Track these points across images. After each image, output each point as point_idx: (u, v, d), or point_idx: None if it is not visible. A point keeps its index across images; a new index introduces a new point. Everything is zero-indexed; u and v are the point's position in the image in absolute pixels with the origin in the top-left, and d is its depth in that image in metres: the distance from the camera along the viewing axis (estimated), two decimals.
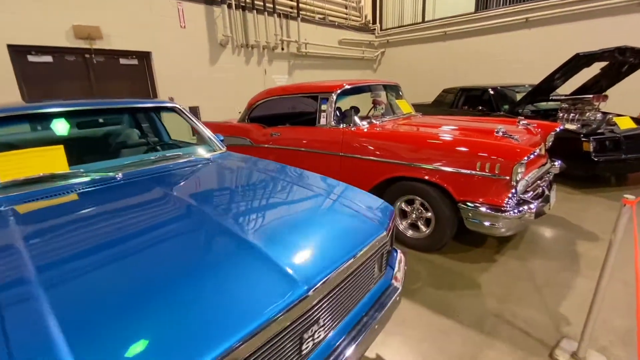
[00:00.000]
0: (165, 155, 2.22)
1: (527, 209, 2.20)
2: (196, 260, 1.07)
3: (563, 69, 4.33)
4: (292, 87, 3.78)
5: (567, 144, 4.18)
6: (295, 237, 1.24)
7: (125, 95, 5.74)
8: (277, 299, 0.96)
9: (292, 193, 1.67)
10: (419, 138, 2.63)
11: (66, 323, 0.80)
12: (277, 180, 1.86)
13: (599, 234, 2.98)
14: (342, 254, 1.21)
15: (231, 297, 0.94)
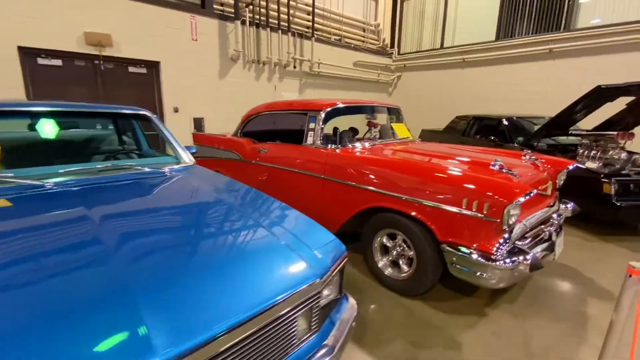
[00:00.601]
0: (115, 165, 2.04)
1: (522, 259, 1.84)
2: (49, 306, 0.83)
3: (583, 101, 3.96)
4: (284, 104, 3.61)
5: (586, 184, 3.75)
6: (192, 283, 0.98)
7: (132, 103, 5.79)
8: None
9: (225, 223, 1.42)
10: (400, 165, 2.34)
11: None
12: (219, 204, 1.62)
13: (615, 292, 2.53)
14: (241, 308, 0.94)
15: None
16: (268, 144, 3.60)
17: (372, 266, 2.60)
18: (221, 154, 4.35)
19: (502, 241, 1.88)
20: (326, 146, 2.95)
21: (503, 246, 1.88)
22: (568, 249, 3.30)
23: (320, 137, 3.01)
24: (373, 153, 2.75)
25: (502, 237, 1.88)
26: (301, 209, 3.28)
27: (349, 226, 2.77)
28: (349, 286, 2.54)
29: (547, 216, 2.32)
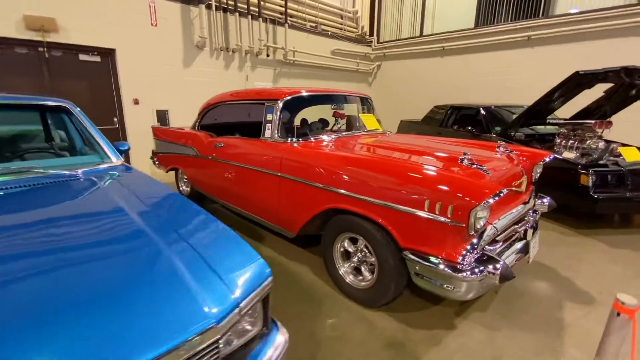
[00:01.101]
0: (9, 168, 1.68)
1: (491, 269, 1.61)
2: None
3: (561, 88, 3.78)
4: (242, 93, 3.27)
5: (563, 176, 3.59)
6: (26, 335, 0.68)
7: (85, 94, 5.30)
8: None
9: (113, 246, 1.11)
10: (356, 161, 2.07)
11: None
12: (119, 219, 1.31)
13: (594, 294, 2.36)
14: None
15: None
16: (224, 138, 3.27)
17: (333, 273, 2.34)
18: (179, 150, 4.00)
19: (470, 248, 1.64)
20: (285, 140, 2.65)
21: (470, 254, 1.64)
22: (544, 245, 3.13)
23: (278, 130, 2.70)
24: (332, 147, 2.46)
25: (469, 244, 1.64)
26: (258, 210, 3.00)
27: (309, 229, 2.50)
28: (308, 296, 2.28)
29: (521, 215, 2.11)
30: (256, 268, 1.11)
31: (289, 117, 2.86)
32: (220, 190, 3.41)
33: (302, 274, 2.58)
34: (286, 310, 2.13)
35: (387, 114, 9.90)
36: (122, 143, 2.35)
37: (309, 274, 2.57)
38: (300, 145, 2.53)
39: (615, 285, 2.46)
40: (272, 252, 2.94)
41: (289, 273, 2.59)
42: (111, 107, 5.60)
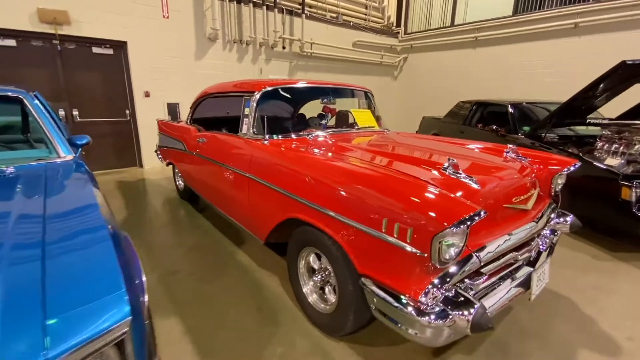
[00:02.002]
0: None
1: (461, 315, 1.23)
2: None
3: (604, 81, 3.15)
4: (227, 85, 3.05)
5: (601, 186, 2.99)
6: None
7: (97, 87, 5.39)
8: None
9: None
10: (317, 165, 1.75)
11: None
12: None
13: (622, 341, 1.86)
14: None
15: None
16: (207, 132, 3.07)
17: (297, 290, 2.05)
18: (173, 144, 3.88)
19: (438, 283, 1.27)
20: (258, 137, 2.38)
21: (439, 291, 1.27)
22: (569, 270, 2.61)
23: (254, 126, 2.44)
24: (300, 148, 2.16)
25: (436, 278, 1.27)
26: (232, 212, 2.76)
27: (279, 238, 2.22)
28: (266, 313, 2.01)
29: (526, 237, 1.67)
30: (108, 305, 0.86)
31: (269, 112, 2.58)
32: (203, 188, 3.24)
33: (270, 285, 2.32)
34: (236, 327, 1.88)
35: (413, 110, 9.33)
36: (80, 136, 2.21)
37: (276, 287, 2.30)
38: (269, 144, 2.25)
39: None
40: (246, 258, 2.70)
41: (255, 283, 2.34)
42: (123, 100, 5.67)
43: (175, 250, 2.83)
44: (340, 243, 1.55)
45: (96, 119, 5.47)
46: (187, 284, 2.33)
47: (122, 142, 5.80)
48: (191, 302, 2.14)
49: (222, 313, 2.02)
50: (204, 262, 2.63)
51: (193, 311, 2.04)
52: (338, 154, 1.99)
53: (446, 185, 1.46)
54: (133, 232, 3.18)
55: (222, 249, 2.86)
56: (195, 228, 3.30)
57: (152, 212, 3.77)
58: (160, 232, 3.21)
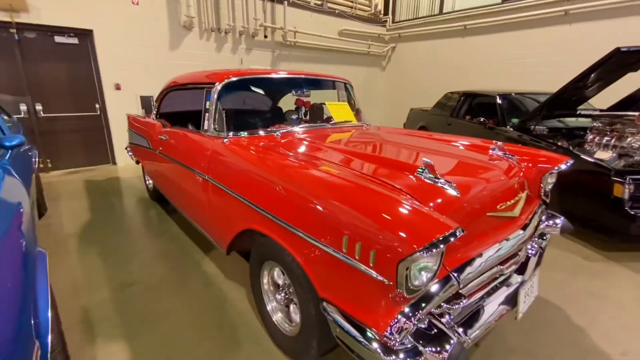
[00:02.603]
0: None
1: (434, 352, 1.03)
2: None
3: (597, 70, 2.97)
4: (188, 76, 2.77)
5: (592, 182, 2.83)
6: None
7: (63, 78, 5.02)
8: None
9: None
10: (271, 169, 1.52)
11: None
12: None
13: (616, 356, 1.70)
14: None
15: None
16: (169, 129, 2.80)
17: (260, 308, 1.83)
18: (139, 140, 3.60)
19: (408, 313, 1.07)
20: (219, 135, 2.13)
21: (408, 322, 1.06)
22: (559, 273, 2.45)
23: (215, 121, 2.18)
24: (259, 147, 1.92)
25: (404, 307, 1.06)
26: (194, 217, 2.52)
27: (239, 247, 2.00)
28: (226, 333, 1.80)
29: (512, 250, 1.47)
30: None
31: (232, 106, 2.33)
32: (166, 189, 2.99)
33: (235, 300, 2.10)
34: (190, 354, 1.66)
35: (401, 101, 9.10)
36: (11, 137, 1.92)
37: (242, 302, 2.08)
38: (229, 142, 2.00)
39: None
40: (212, 267, 2.47)
41: (218, 297, 2.12)
42: (92, 93, 5.31)
43: (136, 258, 2.59)
44: (299, 261, 1.33)
45: (63, 113, 5.11)
46: (141, 300, 2.10)
47: (92, 138, 5.45)
48: (143, 322, 1.91)
49: (177, 335, 1.80)
50: (164, 273, 2.39)
51: (143, 334, 1.81)
52: (301, 155, 1.75)
53: (420, 193, 1.25)
54: (93, 237, 2.92)
55: (187, 257, 2.63)
56: (162, 232, 3.05)
57: (118, 214, 3.50)
58: (124, 236, 2.96)
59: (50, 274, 2.30)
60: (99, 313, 1.97)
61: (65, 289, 2.19)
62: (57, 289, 2.18)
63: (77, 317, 1.94)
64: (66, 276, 2.34)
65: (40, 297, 1.10)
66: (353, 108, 2.89)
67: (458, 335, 1.13)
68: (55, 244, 2.81)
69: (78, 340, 1.76)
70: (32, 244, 1.37)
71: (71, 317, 1.93)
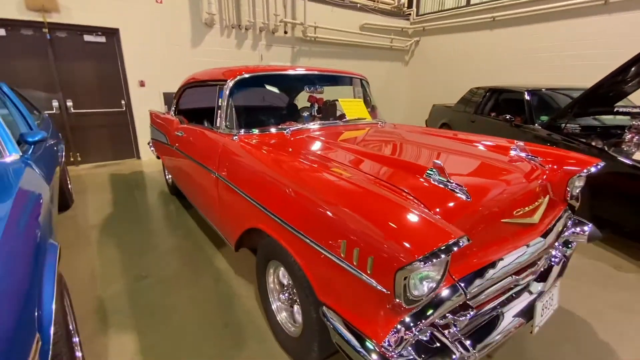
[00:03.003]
0: None
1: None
2: None
3: (636, 64, 2.72)
4: (204, 73, 2.79)
5: (627, 185, 2.61)
6: None
7: (91, 76, 5.24)
8: None
9: None
10: (278, 168, 1.49)
11: None
12: None
13: None
14: None
15: None
16: (186, 125, 2.84)
17: (266, 307, 1.83)
18: (159, 136, 3.70)
19: (409, 321, 1.01)
20: (229, 132, 2.13)
21: (408, 333, 1.00)
22: (586, 284, 2.28)
23: (227, 118, 2.19)
24: (267, 145, 1.90)
25: (403, 317, 1.01)
26: (206, 214, 2.55)
27: (248, 245, 2.00)
28: (231, 331, 1.80)
29: (530, 259, 1.37)
30: None
31: (243, 103, 2.32)
32: (182, 184, 3.05)
33: (243, 298, 2.11)
34: (196, 349, 1.68)
35: (425, 97, 8.83)
36: (34, 133, 2.01)
37: (249, 300, 2.09)
38: (239, 140, 1.99)
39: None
40: (224, 263, 2.50)
41: (227, 294, 2.13)
42: (118, 90, 5.51)
43: (152, 252, 2.66)
44: (299, 262, 1.30)
45: (91, 109, 5.34)
46: (153, 293, 2.15)
47: (118, 133, 5.67)
48: (154, 315, 1.95)
49: (185, 330, 1.83)
50: (178, 268, 2.44)
51: (153, 327, 1.86)
52: (306, 154, 1.72)
53: (427, 197, 1.18)
54: (114, 229, 3.03)
55: (201, 252, 2.67)
56: (178, 227, 3.12)
57: (139, 207, 3.62)
58: (142, 230, 3.05)
59: (70, 264, 2.43)
60: (113, 304, 2.04)
61: (84, 279, 2.29)
62: (76, 278, 2.28)
63: (92, 306, 2.01)
64: (85, 267, 2.44)
65: (46, 289, 1.13)
66: (368, 105, 2.81)
67: (461, 350, 1.05)
68: (79, 235, 2.94)
69: (91, 329, 1.83)
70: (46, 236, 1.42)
71: (86, 306, 2.01)
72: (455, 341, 1.09)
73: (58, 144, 3.16)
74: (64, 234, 2.93)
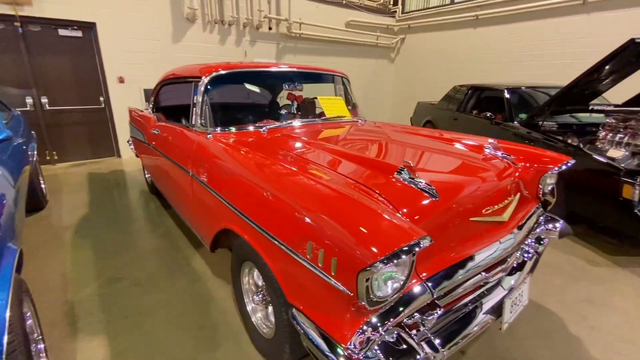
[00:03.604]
0: None
1: None
2: None
3: (610, 62, 2.79)
4: (180, 70, 2.73)
5: (600, 182, 2.68)
6: None
7: (67, 72, 5.06)
8: None
9: None
10: (249, 166, 1.47)
11: None
12: None
13: None
14: None
15: None
16: (161, 123, 2.78)
17: (241, 308, 1.80)
18: (137, 134, 3.60)
19: (376, 322, 1.00)
20: (204, 130, 2.09)
21: (374, 334, 1.00)
22: (559, 278, 2.33)
23: (202, 116, 2.14)
24: (241, 144, 1.87)
25: (369, 318, 1.00)
26: (183, 215, 2.51)
27: (224, 245, 1.96)
28: (206, 333, 1.77)
29: (499, 257, 1.38)
30: None
31: (219, 100, 2.27)
32: (160, 183, 2.99)
33: (220, 299, 2.07)
34: (169, 353, 1.65)
35: (411, 94, 8.89)
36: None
37: (226, 301, 2.05)
38: (213, 138, 1.95)
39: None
40: (202, 265, 2.45)
41: (203, 296, 2.10)
42: (96, 86, 5.35)
43: (128, 253, 2.59)
44: (268, 264, 1.28)
45: (68, 106, 5.17)
46: (127, 296, 2.09)
47: (97, 131, 5.51)
48: (127, 318, 1.90)
49: (158, 333, 1.79)
50: (154, 269, 2.39)
51: (126, 330, 1.81)
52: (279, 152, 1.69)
53: (395, 196, 1.17)
54: (89, 230, 2.94)
55: (178, 253, 2.62)
56: (156, 227, 3.06)
57: (116, 207, 3.53)
58: (119, 230, 2.97)
59: (39, 268, 2.34)
60: (84, 308, 1.98)
61: (54, 283, 2.21)
62: (45, 282, 2.21)
63: (62, 311, 1.94)
64: (56, 270, 2.36)
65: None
66: (349, 103, 2.80)
67: (427, 350, 1.05)
68: (51, 237, 2.85)
69: (60, 335, 1.77)
70: (5, 240, 1.36)
71: (56, 311, 1.94)
72: (422, 341, 1.10)
73: (28, 143, 3.04)
74: (35, 236, 2.83)
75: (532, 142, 3.43)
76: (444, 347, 1.18)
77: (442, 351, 1.14)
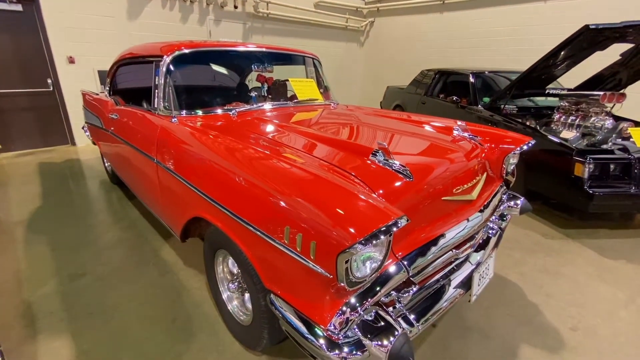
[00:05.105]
0: None
1: (378, 345, 0.99)
2: None
3: (565, 48, 2.94)
4: (139, 48, 2.53)
5: (555, 161, 2.87)
6: None
7: (6, 50, 4.54)
8: None
9: None
10: (218, 151, 1.41)
11: None
12: None
13: (565, 332, 1.76)
14: None
15: None
16: (120, 107, 2.58)
17: (216, 297, 1.76)
18: (93, 120, 3.33)
19: (354, 302, 1.01)
20: (168, 114, 1.97)
21: (353, 314, 1.01)
22: (517, 251, 2.51)
23: (164, 98, 2.01)
24: (209, 128, 1.79)
25: (348, 298, 1.01)
26: (148, 203, 2.39)
27: (195, 234, 1.89)
28: (181, 324, 1.72)
29: (468, 234, 1.44)
30: None
31: (184, 82, 2.14)
32: (121, 172, 2.81)
33: (194, 290, 2.02)
34: (140, 349, 1.58)
35: (380, 78, 8.93)
36: None
37: (201, 291, 2.00)
38: (178, 122, 1.84)
39: (598, 317, 1.86)
40: (171, 255, 2.37)
41: (175, 288, 2.03)
42: (42, 67, 4.85)
43: (89, 247, 2.44)
44: (244, 251, 1.25)
45: (9, 89, 4.66)
46: (91, 292, 1.98)
47: (46, 116, 5.04)
48: (92, 316, 1.80)
49: (127, 330, 1.71)
50: (119, 262, 2.27)
51: (91, 328, 1.71)
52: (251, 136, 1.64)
53: (371, 178, 1.17)
54: (44, 225, 2.72)
55: (145, 244, 2.50)
56: (120, 219, 2.89)
57: (74, 199, 3.28)
58: (78, 224, 2.78)
59: None
60: (43, 307, 1.85)
61: (6, 282, 2.03)
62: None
63: (18, 312, 1.80)
64: (7, 268, 2.17)
65: None
66: (321, 85, 2.75)
67: (403, 326, 1.09)
68: (0, 233, 2.60)
69: (17, 337, 1.64)
70: None
71: (10, 312, 1.79)
72: (399, 317, 1.13)
73: None
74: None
75: (495, 124, 3.59)
76: (419, 321, 1.23)
77: (417, 325, 1.19)
